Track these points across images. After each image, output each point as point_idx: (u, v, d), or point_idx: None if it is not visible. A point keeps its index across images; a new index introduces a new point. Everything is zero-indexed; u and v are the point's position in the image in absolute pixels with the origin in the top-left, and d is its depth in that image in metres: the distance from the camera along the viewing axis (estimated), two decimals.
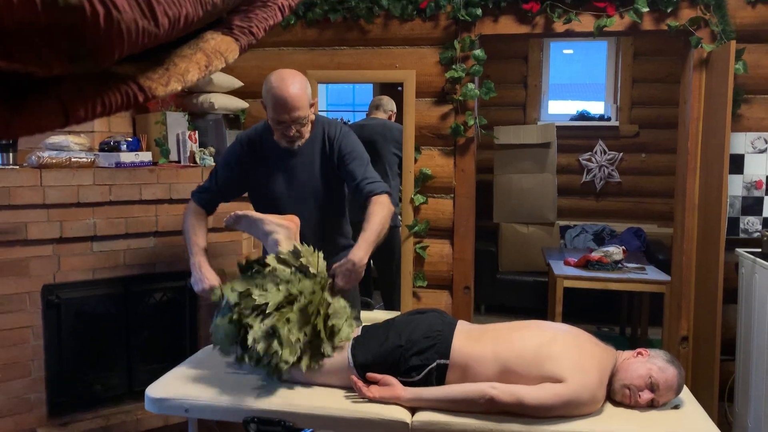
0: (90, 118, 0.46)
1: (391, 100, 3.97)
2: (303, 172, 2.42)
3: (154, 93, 0.51)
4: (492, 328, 2.14)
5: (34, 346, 2.66)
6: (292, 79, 2.26)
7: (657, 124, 5.57)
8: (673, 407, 2.00)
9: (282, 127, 2.30)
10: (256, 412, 2.01)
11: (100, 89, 0.47)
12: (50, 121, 0.43)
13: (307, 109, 2.30)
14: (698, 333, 3.08)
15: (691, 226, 3.11)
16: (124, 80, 0.50)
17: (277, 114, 2.27)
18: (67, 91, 0.44)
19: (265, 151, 2.43)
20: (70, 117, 0.44)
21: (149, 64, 0.55)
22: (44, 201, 2.59)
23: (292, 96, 2.23)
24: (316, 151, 2.42)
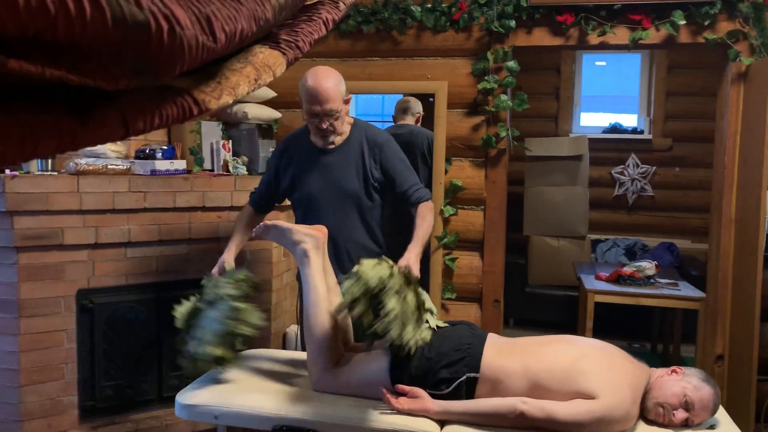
0: (148, 129, 0.47)
1: (418, 101, 3.79)
2: (338, 171, 2.46)
3: (208, 106, 0.52)
4: (523, 342, 2.11)
5: (67, 349, 2.70)
6: (326, 74, 2.34)
7: (691, 137, 5.48)
8: (708, 427, 1.95)
9: (315, 120, 2.36)
10: (286, 420, 2.01)
11: (157, 102, 0.48)
12: (112, 133, 0.44)
13: (339, 104, 2.35)
14: (734, 352, 3.01)
15: (728, 242, 3.05)
16: (180, 93, 0.51)
17: (310, 105, 2.33)
18: (127, 104, 0.45)
19: (303, 152, 2.50)
20: (130, 129, 0.45)
21: (202, 77, 0.56)
22: (81, 207, 2.64)
23: (324, 88, 2.30)
24: (354, 152, 2.46)
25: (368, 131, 2.50)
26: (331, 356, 2.15)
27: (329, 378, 2.15)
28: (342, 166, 2.46)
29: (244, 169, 3.09)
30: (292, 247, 2.30)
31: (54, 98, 0.40)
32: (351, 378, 2.13)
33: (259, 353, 2.62)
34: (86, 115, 0.41)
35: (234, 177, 3.00)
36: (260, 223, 2.38)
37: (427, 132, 3.58)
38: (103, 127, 0.43)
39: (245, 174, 3.09)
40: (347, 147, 2.47)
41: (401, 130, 3.60)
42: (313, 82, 2.31)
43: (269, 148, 3.17)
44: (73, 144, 0.41)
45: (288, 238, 2.30)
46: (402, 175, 2.45)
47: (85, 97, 0.42)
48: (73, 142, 0.41)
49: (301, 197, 2.52)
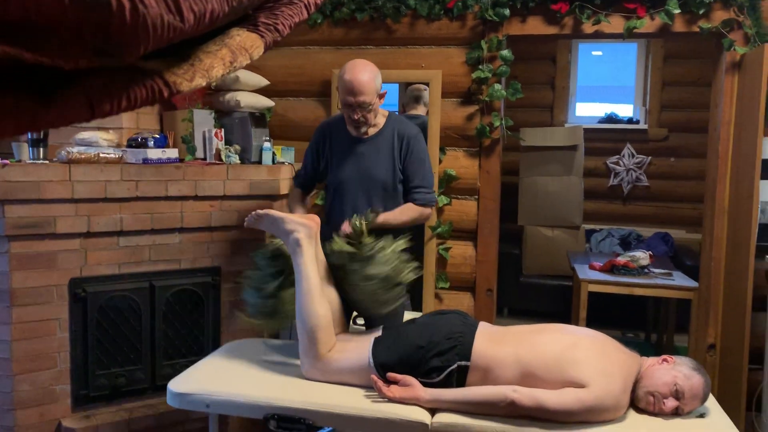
0: (115, 112, 0.46)
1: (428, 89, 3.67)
2: (370, 160, 2.60)
3: (179, 88, 0.51)
4: (514, 330, 2.12)
5: (60, 338, 2.70)
6: (363, 67, 2.48)
7: (687, 127, 5.48)
8: (698, 416, 1.96)
9: (349, 110, 2.50)
10: (277, 409, 2.02)
11: (125, 84, 0.47)
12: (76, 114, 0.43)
13: (373, 97, 2.48)
14: (726, 341, 3.02)
15: (721, 232, 3.05)
16: (150, 75, 0.50)
17: (345, 96, 2.47)
18: (93, 85, 0.45)
19: (340, 138, 2.65)
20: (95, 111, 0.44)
21: (174, 59, 0.55)
22: (72, 196, 2.63)
23: (359, 81, 2.44)
24: (386, 144, 2.60)
25: (400, 125, 2.65)
26: (322, 345, 2.16)
27: (321, 366, 2.15)
28: (374, 156, 2.60)
29: (236, 158, 3.07)
30: (285, 237, 2.30)
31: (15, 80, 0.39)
32: (342, 366, 2.13)
33: (251, 342, 2.63)
34: (48, 97, 0.41)
35: (226, 166, 2.99)
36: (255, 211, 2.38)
37: None
38: (67, 109, 0.42)
39: (238, 163, 3.08)
40: (380, 138, 2.61)
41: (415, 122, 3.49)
42: (350, 75, 2.45)
43: (262, 137, 3.16)
44: (34, 125, 0.40)
45: (280, 227, 2.30)
46: (415, 173, 2.60)
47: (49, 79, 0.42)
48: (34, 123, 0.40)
49: (333, 180, 2.67)
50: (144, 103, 0.48)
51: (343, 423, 2.03)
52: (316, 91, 3.45)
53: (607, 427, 1.85)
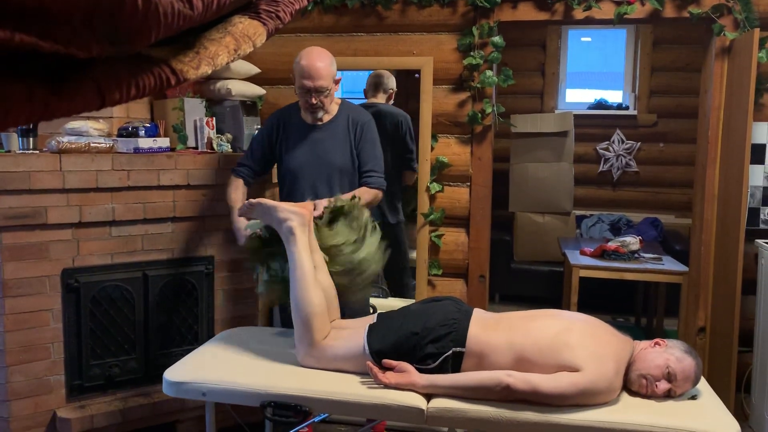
0: (125, 100, 0.46)
1: (392, 77, 3.67)
2: (327, 146, 2.63)
3: (186, 76, 0.51)
4: (508, 316, 2.14)
5: (53, 328, 2.69)
6: (319, 52, 2.55)
7: (676, 113, 5.50)
8: (690, 398, 1.99)
9: (306, 96, 2.53)
10: (273, 396, 2.02)
11: (134, 72, 0.47)
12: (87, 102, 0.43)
13: (329, 82, 2.54)
14: (716, 324, 3.06)
15: (711, 216, 3.08)
16: (157, 63, 0.50)
17: (302, 80, 2.51)
18: (102, 74, 0.45)
19: (292, 127, 2.68)
20: (106, 99, 0.44)
21: (180, 47, 0.55)
22: (63, 186, 2.61)
23: (316, 66, 2.50)
24: (341, 129, 2.64)
25: (352, 111, 2.71)
26: (317, 332, 2.16)
27: (316, 354, 2.16)
28: (330, 141, 2.64)
29: (228, 146, 3.06)
30: (278, 225, 2.29)
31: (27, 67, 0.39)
32: (338, 353, 2.14)
33: (246, 330, 2.63)
34: (60, 85, 0.41)
35: (218, 154, 2.98)
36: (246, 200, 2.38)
37: (397, 112, 3.52)
38: (78, 97, 0.42)
39: (230, 151, 3.07)
40: (335, 124, 2.65)
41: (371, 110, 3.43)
42: (306, 61, 2.50)
43: (254, 125, 3.14)
44: (46, 113, 0.40)
45: (273, 215, 2.29)
46: (368, 158, 2.66)
47: (60, 67, 0.42)
48: (46, 111, 0.40)
49: (288, 169, 2.67)
50: (152, 92, 0.48)
51: (339, 409, 2.05)
52: None
53: (601, 409, 1.88)
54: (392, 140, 3.43)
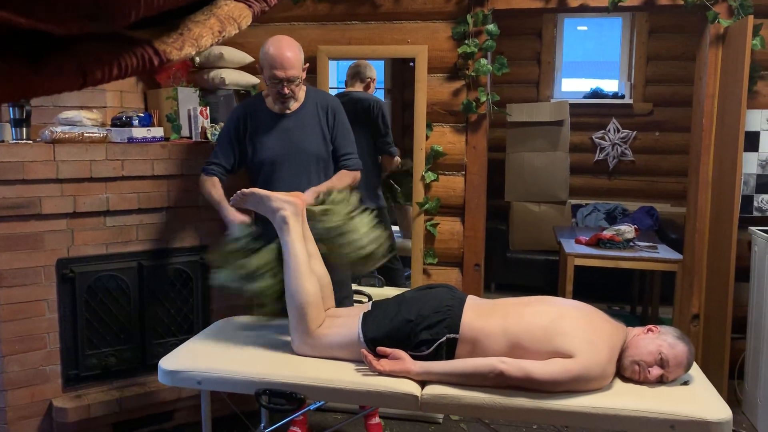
0: (107, 80, 0.46)
1: (371, 66, 3.63)
2: (298, 134, 2.60)
3: (169, 57, 0.51)
4: (502, 303, 2.14)
5: (49, 318, 2.70)
6: (288, 42, 2.51)
7: (671, 102, 5.50)
8: (682, 383, 2.00)
9: (278, 86, 2.49)
10: (268, 384, 2.03)
11: (116, 52, 0.47)
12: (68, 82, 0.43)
13: (300, 71, 2.51)
14: (709, 311, 3.08)
15: (705, 204, 3.09)
16: (140, 44, 0.50)
17: (273, 71, 2.47)
18: (84, 53, 0.45)
19: (259, 117, 2.63)
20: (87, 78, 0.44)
21: (164, 29, 0.55)
22: (57, 176, 2.61)
23: (287, 56, 2.46)
24: (311, 116, 2.62)
25: (318, 96, 2.70)
26: (312, 321, 2.17)
27: (311, 342, 2.17)
28: (302, 129, 2.61)
29: None
30: (272, 215, 2.30)
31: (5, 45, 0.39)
32: (332, 341, 2.15)
33: (241, 320, 2.64)
34: (40, 63, 0.41)
35: (213, 144, 2.97)
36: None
37: (369, 97, 3.51)
38: (59, 76, 0.42)
39: None
40: (303, 111, 2.62)
41: (343, 99, 3.35)
42: (277, 50, 2.47)
43: None
44: (28, 92, 0.40)
45: (267, 205, 2.29)
46: (342, 141, 2.66)
47: (40, 46, 0.42)
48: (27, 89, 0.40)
49: (261, 161, 2.62)
50: (135, 72, 0.48)
51: (334, 397, 2.06)
52: None
53: (594, 395, 1.89)
54: (365, 125, 3.40)
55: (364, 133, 3.37)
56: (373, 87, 3.64)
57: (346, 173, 2.65)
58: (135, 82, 3.15)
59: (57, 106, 2.88)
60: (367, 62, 3.61)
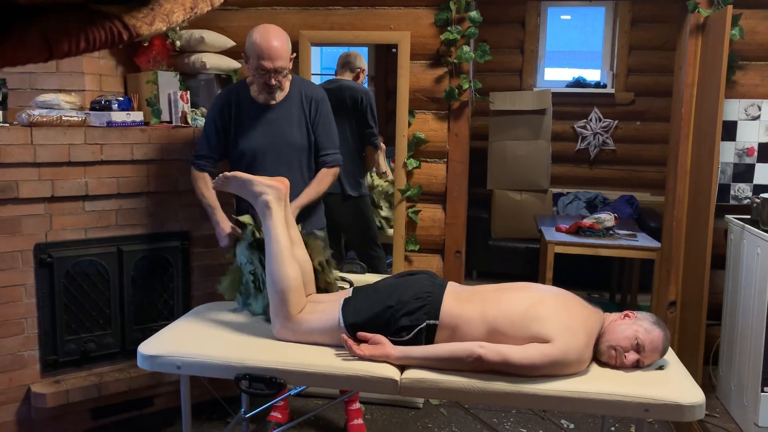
0: (74, 53, 0.45)
1: (361, 56, 3.63)
2: (283, 125, 2.57)
3: (139, 31, 0.51)
4: (481, 289, 2.16)
5: (26, 304, 2.67)
6: (276, 32, 2.45)
7: (653, 92, 5.55)
8: (657, 368, 2.03)
9: (265, 77, 2.45)
10: (249, 369, 2.03)
11: (83, 25, 0.47)
12: (33, 54, 0.43)
13: (287, 62, 2.46)
14: (686, 298, 3.12)
15: (683, 192, 3.12)
16: (109, 18, 0.50)
17: (259, 61, 2.42)
18: (50, 25, 0.44)
19: (241, 108, 2.58)
20: (53, 50, 0.44)
21: (135, 4, 0.55)
22: (35, 159, 2.58)
23: (275, 46, 2.41)
24: (295, 107, 2.58)
25: (304, 86, 2.64)
26: (293, 306, 2.17)
27: (292, 327, 2.17)
28: (286, 120, 2.57)
29: (202, 120, 3.03)
30: (254, 199, 2.29)
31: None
32: (313, 327, 2.15)
33: (221, 305, 2.63)
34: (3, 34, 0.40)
35: (193, 129, 2.96)
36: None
37: (358, 88, 3.51)
38: (23, 47, 0.41)
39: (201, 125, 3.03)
40: (288, 102, 2.58)
41: (330, 86, 3.40)
42: (264, 40, 2.41)
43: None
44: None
45: (249, 189, 2.28)
46: (323, 137, 2.63)
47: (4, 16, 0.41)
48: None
49: (243, 152, 2.59)
50: (103, 46, 0.48)
51: (314, 381, 2.06)
52: None
53: (570, 380, 1.91)
54: (352, 115, 3.40)
55: (349, 122, 3.38)
56: (363, 78, 3.65)
57: (326, 172, 2.63)
58: (114, 66, 3.11)
59: (34, 89, 2.84)
60: (357, 53, 3.61)
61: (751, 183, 3.09)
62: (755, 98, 3.05)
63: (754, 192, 3.06)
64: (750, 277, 2.77)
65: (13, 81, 2.85)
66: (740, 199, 3.10)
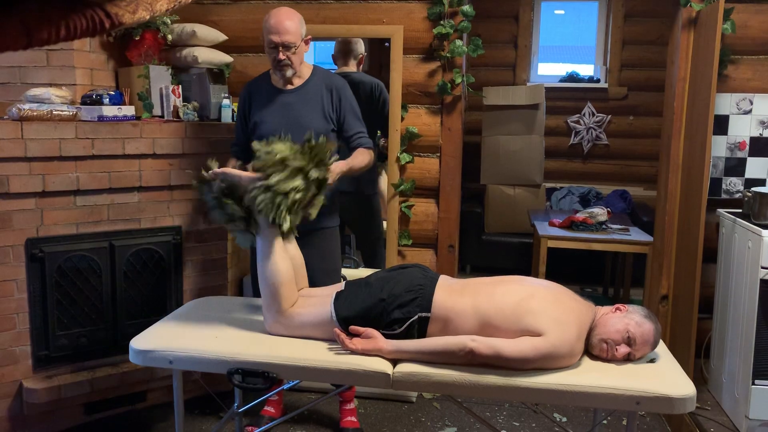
0: (54, 41, 0.45)
1: (360, 40, 3.56)
2: (299, 110, 2.59)
3: (121, 20, 0.50)
4: (473, 282, 2.16)
5: (18, 299, 2.66)
6: (287, 10, 2.57)
7: (646, 86, 5.56)
8: (648, 361, 2.04)
9: (273, 53, 2.53)
10: (241, 363, 2.03)
11: (64, 12, 0.46)
12: (12, 41, 0.42)
13: (296, 38, 2.53)
14: (678, 291, 3.13)
15: (675, 186, 3.13)
16: (91, 6, 0.49)
17: (269, 36, 2.51)
18: (30, 12, 0.44)
19: (263, 93, 2.66)
20: (33, 38, 0.43)
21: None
22: (26, 154, 2.56)
23: (283, 20, 2.51)
24: (314, 93, 2.62)
25: (326, 76, 2.69)
26: (285, 300, 2.17)
27: (284, 321, 2.17)
28: (303, 105, 2.61)
29: (194, 115, 3.02)
30: (245, 194, 2.28)
31: None
32: (305, 321, 2.15)
33: (213, 300, 2.63)
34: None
35: (185, 123, 2.94)
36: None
37: (372, 81, 3.50)
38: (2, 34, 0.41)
39: (196, 120, 3.03)
40: (307, 88, 2.64)
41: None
42: (274, 16, 2.53)
43: (221, 94, 3.10)
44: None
45: (240, 185, 2.28)
46: (351, 122, 2.64)
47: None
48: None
49: (261, 135, 2.55)
50: (84, 34, 0.47)
51: (306, 375, 2.06)
52: None
53: (562, 373, 1.92)
54: (367, 109, 3.37)
55: (370, 114, 3.32)
56: (362, 63, 3.61)
57: (363, 151, 2.61)
58: (106, 60, 3.09)
59: (25, 83, 2.83)
60: (356, 39, 3.55)
61: (742, 177, 3.10)
62: (747, 92, 3.06)
63: (746, 186, 3.07)
64: (741, 270, 2.78)
65: (4, 75, 2.83)
66: (732, 193, 3.11)
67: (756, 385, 2.68)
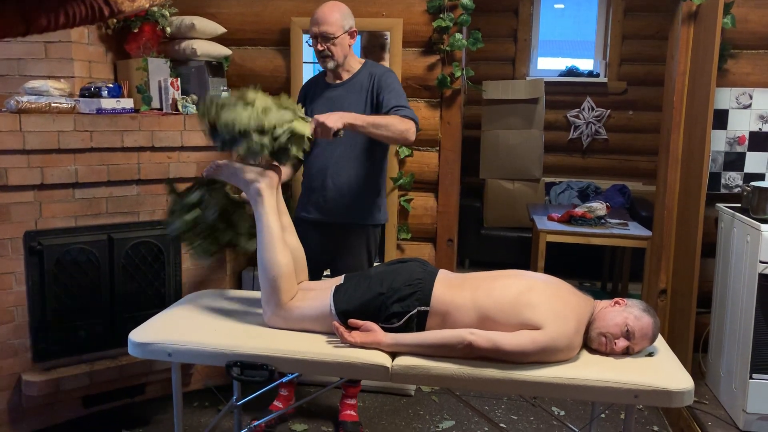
0: (53, 28, 0.45)
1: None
2: (341, 102, 2.62)
3: (120, 8, 0.50)
4: (472, 276, 2.16)
5: (16, 292, 2.66)
6: (332, 2, 2.64)
7: (645, 81, 5.56)
8: (647, 355, 2.04)
9: (315, 43, 2.59)
10: (240, 356, 2.03)
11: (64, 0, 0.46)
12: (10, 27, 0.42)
13: (337, 29, 2.57)
14: (676, 286, 3.14)
15: (674, 181, 3.13)
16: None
17: (311, 26, 2.59)
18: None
19: (315, 91, 2.75)
20: (31, 25, 0.43)
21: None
22: (24, 146, 2.56)
23: (324, 12, 2.57)
24: (361, 85, 2.65)
25: (374, 67, 2.73)
26: (284, 293, 2.17)
27: (283, 314, 2.17)
28: (348, 97, 2.65)
29: (193, 108, 3.01)
30: (245, 186, 2.28)
31: None
32: (304, 314, 2.15)
33: (212, 293, 2.63)
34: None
35: (184, 116, 2.94)
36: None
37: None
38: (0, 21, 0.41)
39: (195, 113, 3.02)
40: (354, 81, 2.68)
41: None
42: (318, 9, 2.59)
43: (220, 87, 3.10)
44: None
45: (240, 177, 2.27)
46: (386, 97, 2.58)
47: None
48: None
49: None
50: (83, 22, 0.47)
51: (306, 368, 2.06)
52: (274, 39, 3.38)
53: (561, 366, 1.92)
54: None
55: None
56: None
57: (399, 118, 2.47)
58: (104, 52, 3.08)
59: (23, 75, 2.82)
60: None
61: (741, 171, 3.10)
62: (747, 87, 3.06)
63: (745, 180, 3.07)
64: (740, 265, 2.78)
65: (2, 67, 2.82)
66: (731, 188, 3.11)
67: (754, 379, 2.68)
